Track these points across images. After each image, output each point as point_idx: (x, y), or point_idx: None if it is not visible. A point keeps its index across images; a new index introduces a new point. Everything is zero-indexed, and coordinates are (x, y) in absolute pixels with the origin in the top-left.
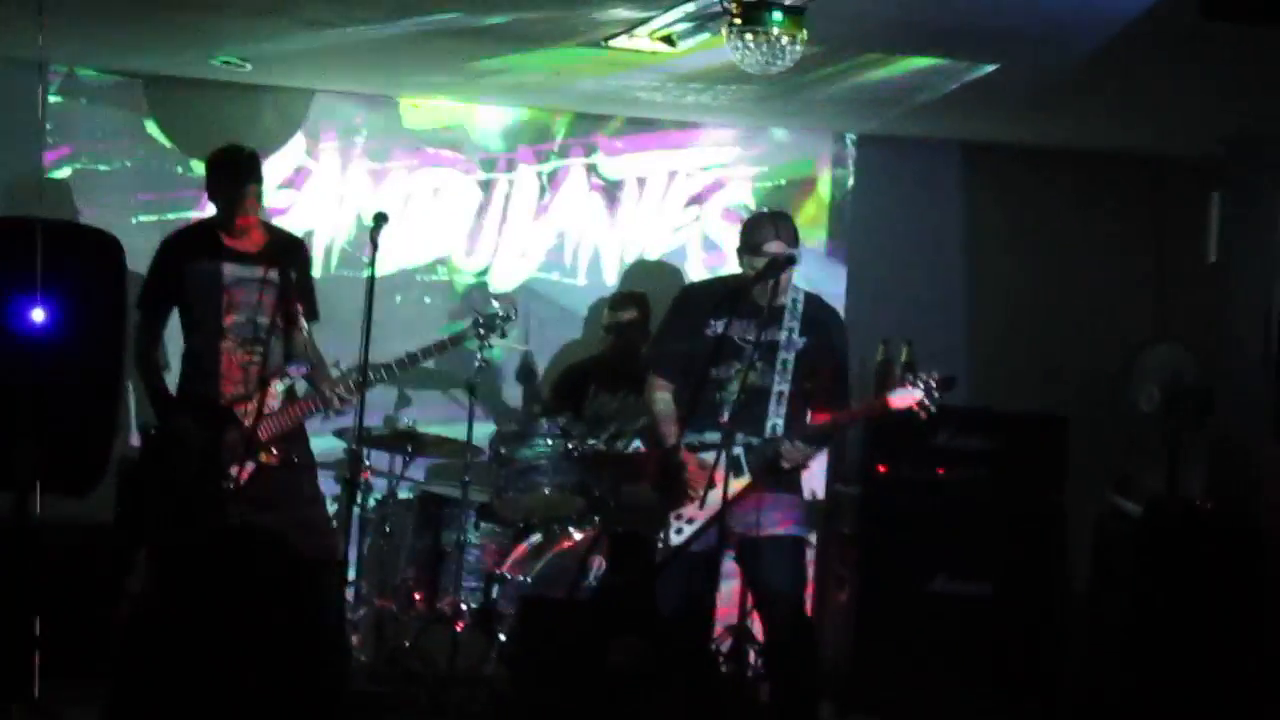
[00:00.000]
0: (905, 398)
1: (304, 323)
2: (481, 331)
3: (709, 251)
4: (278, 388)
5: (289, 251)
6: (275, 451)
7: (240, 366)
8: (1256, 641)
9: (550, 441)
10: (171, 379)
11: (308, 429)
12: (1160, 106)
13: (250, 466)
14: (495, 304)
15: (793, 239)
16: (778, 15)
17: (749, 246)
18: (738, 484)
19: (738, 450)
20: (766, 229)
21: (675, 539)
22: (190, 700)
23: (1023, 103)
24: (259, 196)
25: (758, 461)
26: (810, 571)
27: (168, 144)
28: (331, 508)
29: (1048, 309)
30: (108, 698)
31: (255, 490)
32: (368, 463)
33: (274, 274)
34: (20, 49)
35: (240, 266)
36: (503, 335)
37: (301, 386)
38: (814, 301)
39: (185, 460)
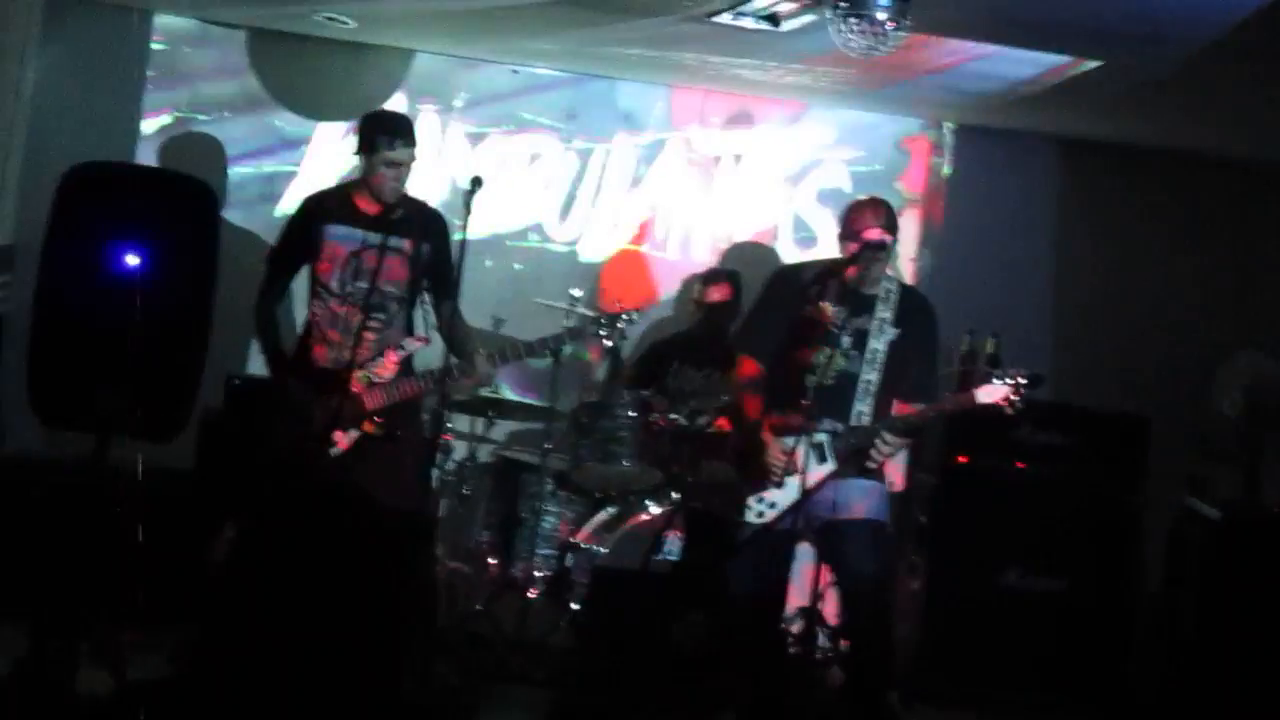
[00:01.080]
0: (992, 393)
1: (430, 297)
2: (604, 332)
3: (800, 232)
4: (393, 358)
5: (425, 223)
6: (380, 421)
7: (358, 333)
8: None
9: (632, 414)
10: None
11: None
12: (1255, 111)
13: (354, 434)
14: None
15: (891, 226)
16: (883, 0)
17: (847, 232)
18: (821, 470)
19: (823, 437)
20: (865, 215)
21: (755, 520)
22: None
23: (1120, 101)
24: (403, 164)
25: (843, 449)
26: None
27: (267, 96)
28: None
29: (1133, 308)
30: (190, 645)
31: (355, 458)
32: (449, 425)
33: (405, 244)
34: None
35: (371, 233)
36: (623, 337)
37: (421, 361)
38: (909, 292)
39: (288, 421)
